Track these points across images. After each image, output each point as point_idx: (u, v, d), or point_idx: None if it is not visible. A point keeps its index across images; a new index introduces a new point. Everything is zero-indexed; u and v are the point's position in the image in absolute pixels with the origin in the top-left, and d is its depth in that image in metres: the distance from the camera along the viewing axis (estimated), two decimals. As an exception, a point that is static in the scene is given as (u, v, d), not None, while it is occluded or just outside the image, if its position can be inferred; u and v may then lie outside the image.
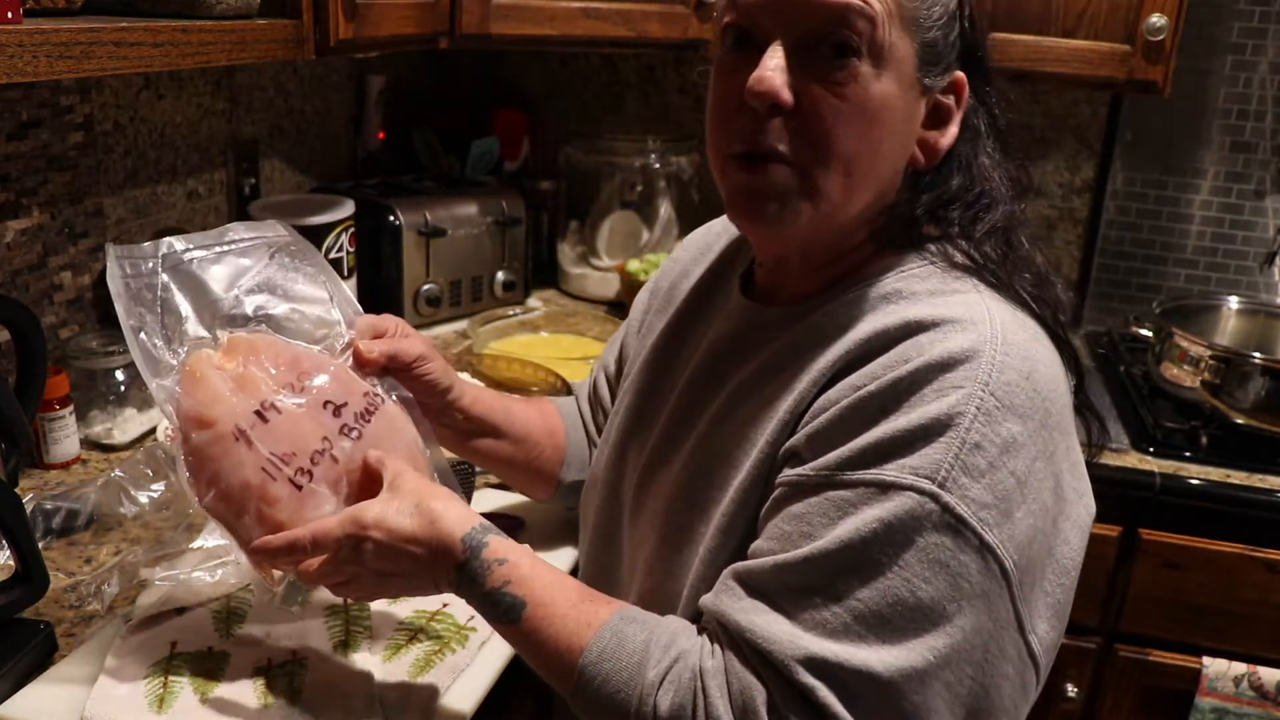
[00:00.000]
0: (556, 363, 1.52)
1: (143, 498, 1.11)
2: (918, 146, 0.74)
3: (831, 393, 0.68)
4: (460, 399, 0.97)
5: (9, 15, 0.81)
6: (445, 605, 0.99)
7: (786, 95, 0.68)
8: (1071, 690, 1.53)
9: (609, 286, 1.98)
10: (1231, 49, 1.84)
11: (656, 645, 0.68)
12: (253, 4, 1.13)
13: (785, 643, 0.62)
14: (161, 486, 1.12)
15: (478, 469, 1.19)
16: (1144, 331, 1.72)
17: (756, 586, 0.66)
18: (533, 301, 1.97)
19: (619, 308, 1.93)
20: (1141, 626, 1.51)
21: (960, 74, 0.74)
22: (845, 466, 0.64)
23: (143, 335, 0.81)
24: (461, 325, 1.80)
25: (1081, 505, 0.70)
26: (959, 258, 0.72)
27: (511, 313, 1.82)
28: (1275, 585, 1.45)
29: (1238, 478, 1.46)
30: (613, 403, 1.04)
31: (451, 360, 1.53)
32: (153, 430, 1.32)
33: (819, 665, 0.61)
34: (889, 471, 0.62)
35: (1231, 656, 1.47)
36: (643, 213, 2.03)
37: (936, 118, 0.74)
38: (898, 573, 0.61)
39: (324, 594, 0.97)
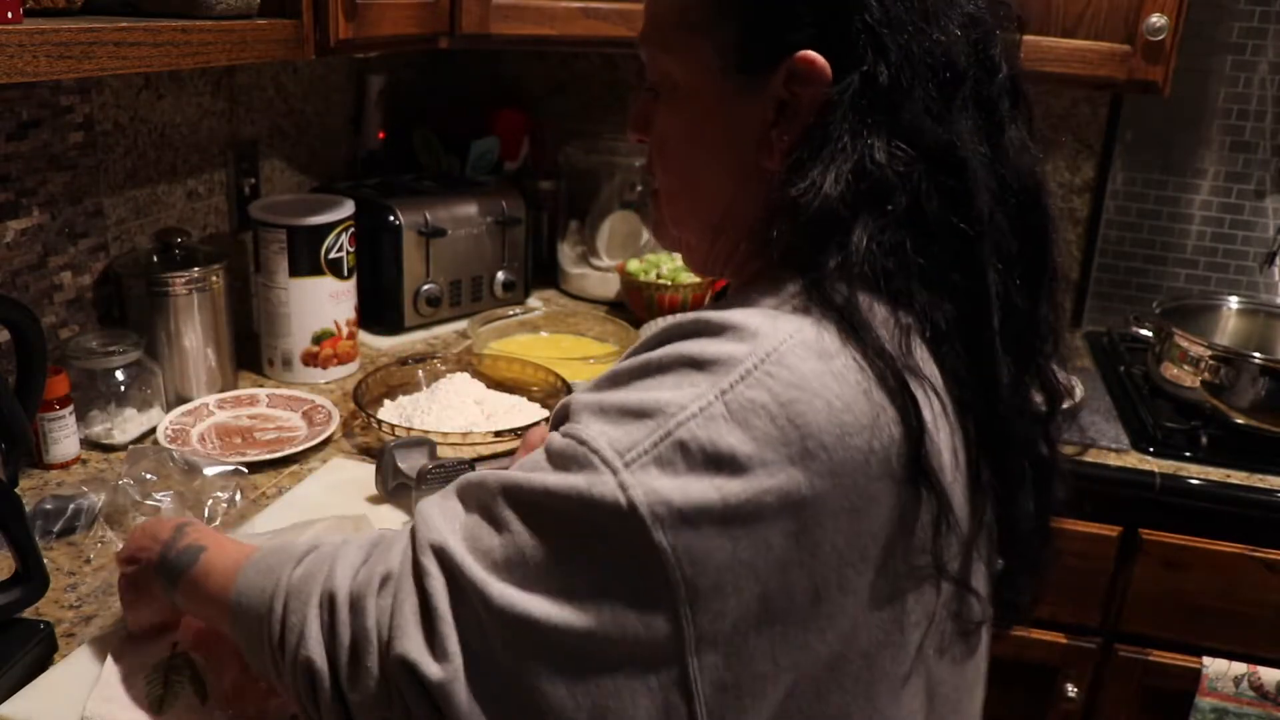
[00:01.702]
0: (556, 363, 1.52)
1: (149, 503, 1.11)
2: (764, 150, 0.67)
3: None
4: None
5: (9, 15, 0.82)
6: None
7: (634, 132, 0.76)
8: (1071, 690, 1.53)
9: (609, 286, 1.98)
10: (1231, 49, 1.84)
11: (301, 548, 0.71)
12: (253, 4, 1.13)
13: (433, 528, 0.62)
14: (168, 495, 1.12)
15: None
16: (1144, 331, 1.72)
17: (459, 488, 0.66)
18: (533, 301, 1.97)
19: (619, 308, 1.93)
20: (1141, 626, 1.51)
21: (807, 55, 0.64)
22: (566, 419, 0.62)
23: None
24: (461, 325, 1.80)
25: (851, 596, 0.59)
26: (809, 281, 0.63)
27: (511, 313, 1.82)
28: (1275, 585, 1.45)
29: (1238, 478, 1.46)
30: None
31: (451, 360, 1.53)
32: (152, 430, 1.33)
33: (445, 557, 0.61)
34: (591, 433, 0.59)
35: (1231, 656, 1.47)
36: (643, 213, 2.03)
37: (790, 111, 0.66)
38: (554, 532, 0.58)
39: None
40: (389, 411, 1.39)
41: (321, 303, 1.52)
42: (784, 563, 0.57)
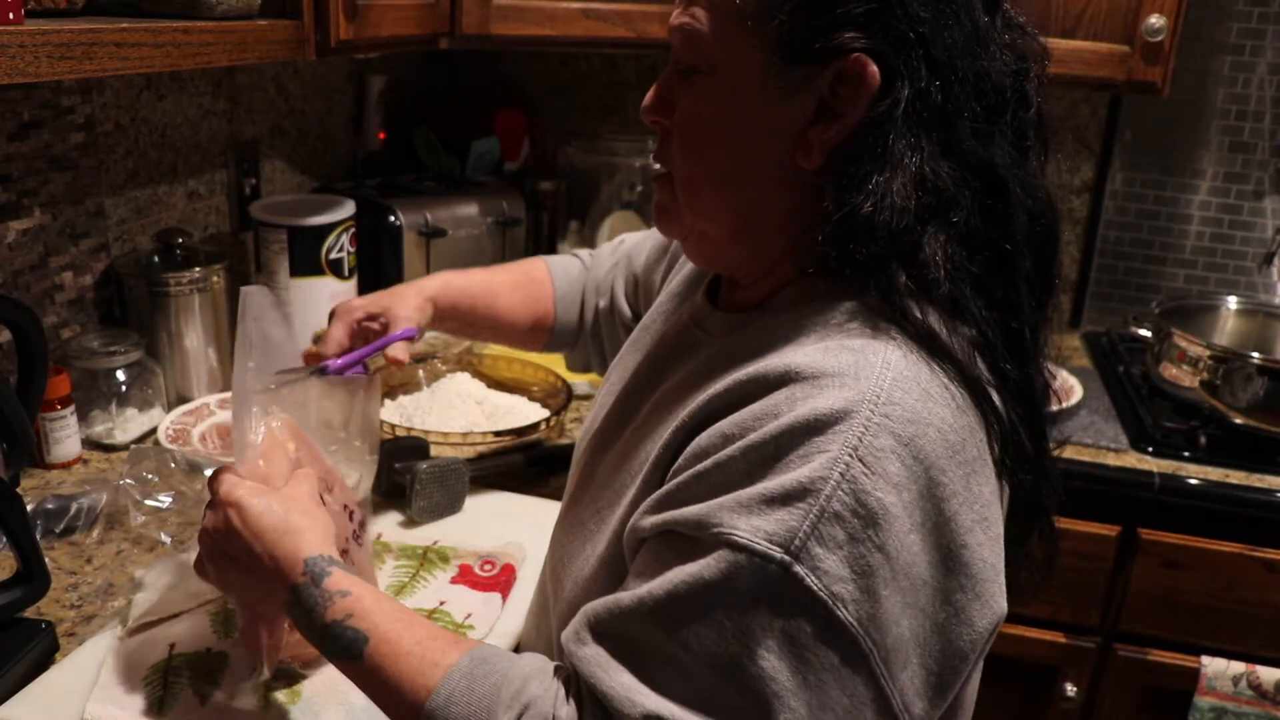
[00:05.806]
0: (556, 362, 1.52)
1: (149, 503, 1.11)
2: (802, 148, 0.67)
3: (701, 438, 0.65)
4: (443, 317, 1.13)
5: (10, 16, 0.82)
6: (442, 603, 1.00)
7: (652, 113, 0.73)
8: (1071, 690, 1.54)
9: (609, 286, 1.98)
10: (1231, 49, 1.84)
11: (508, 690, 0.65)
12: (253, 5, 1.13)
13: (624, 700, 0.61)
14: (169, 496, 1.12)
15: (469, 472, 1.21)
16: (1143, 331, 1.72)
17: (604, 633, 0.64)
18: (533, 301, 1.96)
19: (619, 308, 1.93)
20: (1140, 626, 1.52)
21: (861, 59, 0.64)
22: (704, 524, 0.60)
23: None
24: (462, 325, 1.80)
25: (994, 588, 0.63)
26: (876, 297, 0.65)
27: (511, 313, 1.82)
28: (1274, 585, 1.45)
29: (1237, 478, 1.46)
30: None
31: (452, 360, 1.53)
32: (153, 430, 1.33)
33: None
34: (742, 532, 0.58)
35: (1230, 656, 1.47)
36: (643, 213, 2.03)
37: (830, 112, 0.66)
38: (740, 640, 0.58)
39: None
40: (390, 411, 1.39)
41: (322, 303, 1.52)
42: (941, 589, 0.61)
